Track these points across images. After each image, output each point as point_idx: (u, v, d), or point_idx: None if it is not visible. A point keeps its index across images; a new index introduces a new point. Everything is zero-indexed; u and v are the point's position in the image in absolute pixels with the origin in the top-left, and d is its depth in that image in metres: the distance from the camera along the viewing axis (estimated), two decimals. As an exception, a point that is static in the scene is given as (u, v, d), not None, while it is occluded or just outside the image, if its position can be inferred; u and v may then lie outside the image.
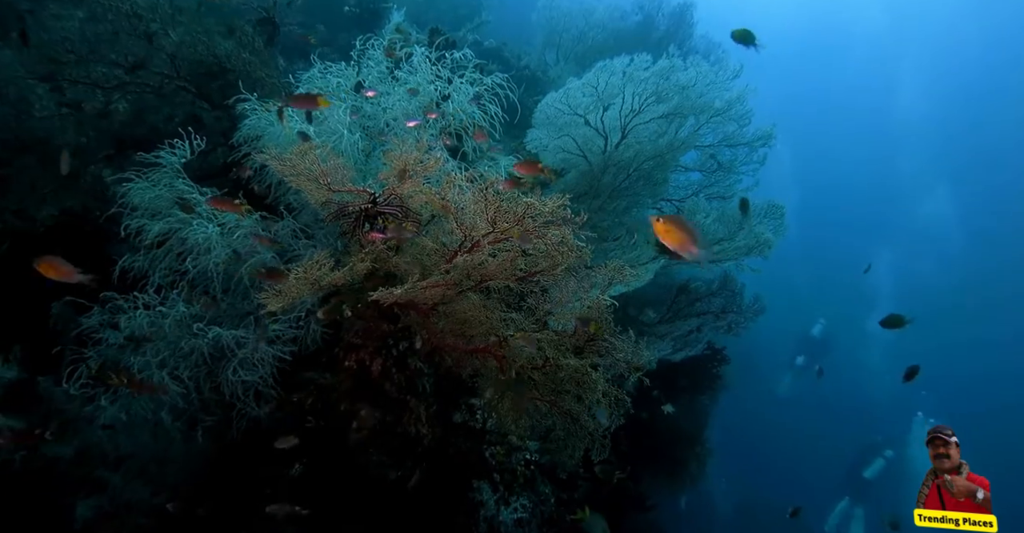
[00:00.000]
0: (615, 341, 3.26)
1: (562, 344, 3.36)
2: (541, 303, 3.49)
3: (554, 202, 2.98)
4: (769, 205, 5.23)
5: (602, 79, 5.46)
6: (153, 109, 5.59)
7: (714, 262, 5.03)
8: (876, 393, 18.91)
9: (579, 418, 3.30)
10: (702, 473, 8.53)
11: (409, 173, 3.12)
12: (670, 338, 5.12)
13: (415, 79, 4.51)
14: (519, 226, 3.04)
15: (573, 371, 3.20)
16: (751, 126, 5.81)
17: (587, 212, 5.53)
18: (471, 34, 8.45)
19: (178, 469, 4.47)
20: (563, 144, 5.75)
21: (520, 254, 3.22)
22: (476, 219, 3.08)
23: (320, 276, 2.98)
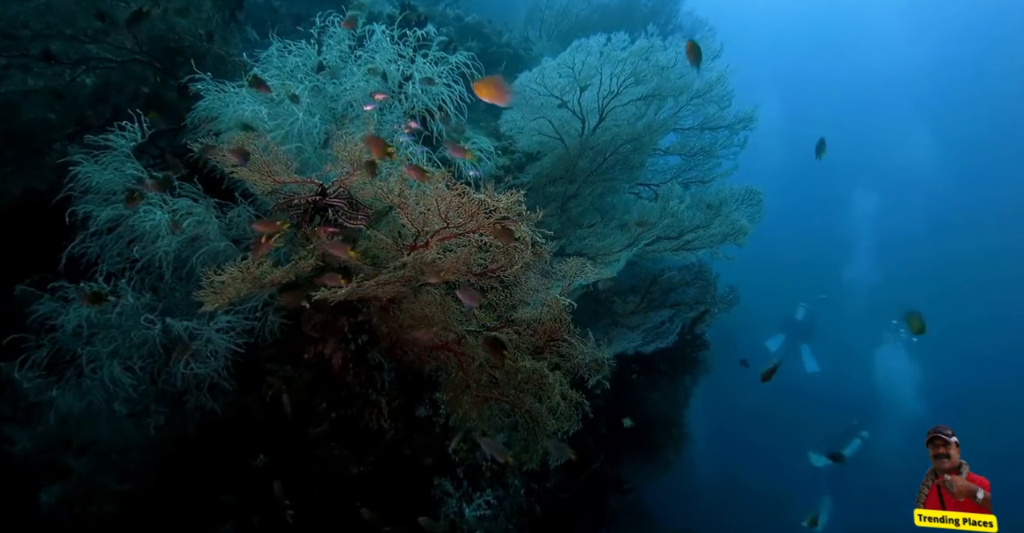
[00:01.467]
0: (575, 342, 3.05)
1: (522, 343, 3.16)
2: (502, 299, 3.28)
3: (508, 198, 2.75)
4: (746, 191, 5.01)
5: (578, 59, 5.19)
6: (117, 86, 5.32)
7: (688, 250, 4.82)
8: (855, 374, 19.04)
9: (540, 419, 3.12)
10: (679, 456, 8.43)
11: (356, 164, 2.88)
12: (642, 329, 4.92)
13: (377, 58, 4.22)
14: (473, 222, 2.81)
15: (531, 373, 3.00)
16: (732, 108, 5.56)
17: (561, 199, 5.34)
18: (451, 9, 8.09)
19: (141, 457, 4.32)
20: (539, 126, 5.49)
21: (477, 249, 3.00)
22: (428, 214, 2.85)
23: (261, 273, 2.75)
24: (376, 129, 4.15)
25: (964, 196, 28.59)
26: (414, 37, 4.38)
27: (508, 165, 6.11)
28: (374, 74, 4.16)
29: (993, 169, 28.44)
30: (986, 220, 28.23)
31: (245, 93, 3.99)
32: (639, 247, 4.63)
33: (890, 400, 20.17)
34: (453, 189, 2.76)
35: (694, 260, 5.23)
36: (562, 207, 5.21)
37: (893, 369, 19.86)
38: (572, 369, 3.08)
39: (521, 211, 2.80)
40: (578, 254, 5.05)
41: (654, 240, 4.80)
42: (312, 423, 4.00)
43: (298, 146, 3.92)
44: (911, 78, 29.15)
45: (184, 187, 4.15)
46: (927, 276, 26.18)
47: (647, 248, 4.81)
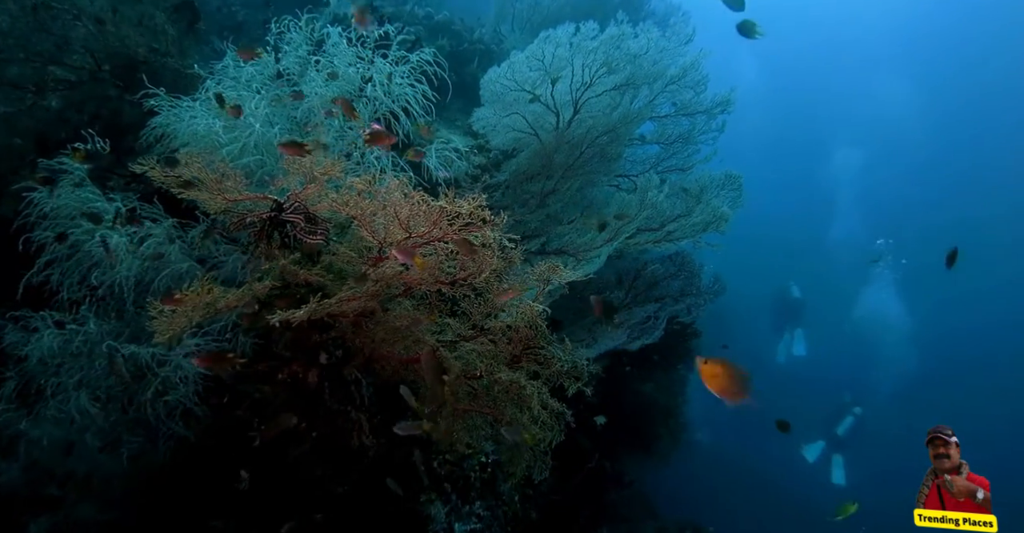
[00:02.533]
0: (552, 349, 2.86)
1: (499, 353, 2.97)
2: (476, 307, 3.09)
3: (471, 203, 2.55)
4: (726, 176, 4.82)
5: (547, 51, 4.98)
6: (78, 106, 5.11)
7: (671, 241, 4.63)
8: (844, 351, 19.09)
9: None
10: (676, 447, 8.27)
11: (309, 177, 2.68)
12: (626, 326, 4.74)
13: (335, 62, 4.01)
14: (437, 230, 2.62)
15: (508, 384, 2.82)
16: (708, 92, 5.37)
17: (539, 196, 5.14)
18: (419, 8, 7.85)
19: (122, 486, 4.15)
20: (512, 122, 5.29)
21: (446, 257, 2.80)
22: (389, 225, 2.65)
23: (213, 299, 2.55)
24: (337, 137, 3.95)
25: (944, 146, 28.80)
26: (373, 37, 4.16)
27: (485, 164, 5.91)
28: (333, 79, 3.94)
29: (972, 120, 28.47)
30: (965, 167, 28.47)
31: (199, 107, 3.78)
32: (620, 241, 4.44)
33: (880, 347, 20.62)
34: (411, 197, 2.56)
35: (676, 250, 5.03)
36: (541, 204, 5.01)
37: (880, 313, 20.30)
38: (552, 377, 2.89)
39: (485, 216, 2.59)
40: (559, 251, 4.87)
41: (635, 232, 4.61)
42: (292, 443, 3.81)
43: (258, 159, 3.72)
44: (889, 29, 28.79)
45: (144, 208, 3.96)
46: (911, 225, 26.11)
47: (629, 241, 4.63)
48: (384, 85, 4.02)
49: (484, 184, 5.47)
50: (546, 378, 2.90)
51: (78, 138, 4.03)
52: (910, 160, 28.40)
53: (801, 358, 16.59)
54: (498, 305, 2.96)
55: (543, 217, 5.01)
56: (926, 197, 28.10)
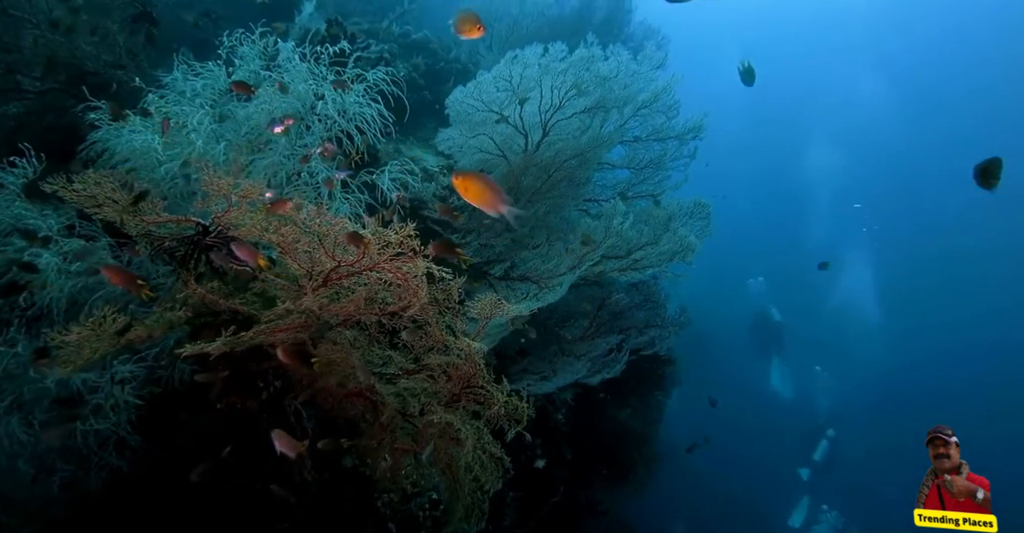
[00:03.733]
0: (492, 389, 2.65)
1: (438, 391, 2.75)
2: (417, 340, 2.87)
3: (401, 232, 2.35)
4: (695, 204, 4.63)
5: (515, 71, 4.82)
6: (37, 116, 4.92)
7: (636, 270, 4.43)
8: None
9: (458, 476, 2.71)
10: (649, 477, 8.01)
11: (231, 200, 2.47)
12: (587, 358, 4.52)
13: (286, 78, 3.82)
14: (367, 259, 2.41)
15: (445, 425, 2.60)
16: (680, 117, 5.22)
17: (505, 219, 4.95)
18: (396, 25, 7.72)
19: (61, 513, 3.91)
20: (479, 144, 5.11)
21: (382, 287, 2.60)
22: (315, 253, 2.45)
23: (120, 329, 2.33)
24: (288, 155, 3.75)
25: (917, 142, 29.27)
26: (328, 54, 3.97)
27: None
28: (284, 93, 3.75)
29: (943, 111, 28.99)
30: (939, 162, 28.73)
31: (140, 122, 3.57)
32: (583, 269, 4.24)
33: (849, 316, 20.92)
34: (335, 224, 2.36)
35: (642, 279, 4.82)
36: (507, 227, 4.82)
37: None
38: (492, 418, 2.67)
39: (414, 246, 2.39)
40: (523, 277, 4.67)
41: (600, 260, 4.42)
42: (229, 477, 3.57)
43: (198, 177, 3.51)
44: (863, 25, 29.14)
45: (84, 225, 3.75)
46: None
47: (593, 269, 4.43)
48: (338, 103, 3.83)
49: (452, 205, 5.28)
50: (487, 419, 2.68)
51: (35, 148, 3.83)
52: (885, 157, 28.74)
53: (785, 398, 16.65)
54: (438, 339, 2.74)
55: (508, 241, 4.81)
56: (900, 191, 28.44)
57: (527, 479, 5.60)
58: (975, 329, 25.72)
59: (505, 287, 4.60)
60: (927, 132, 29.11)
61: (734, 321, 16.20)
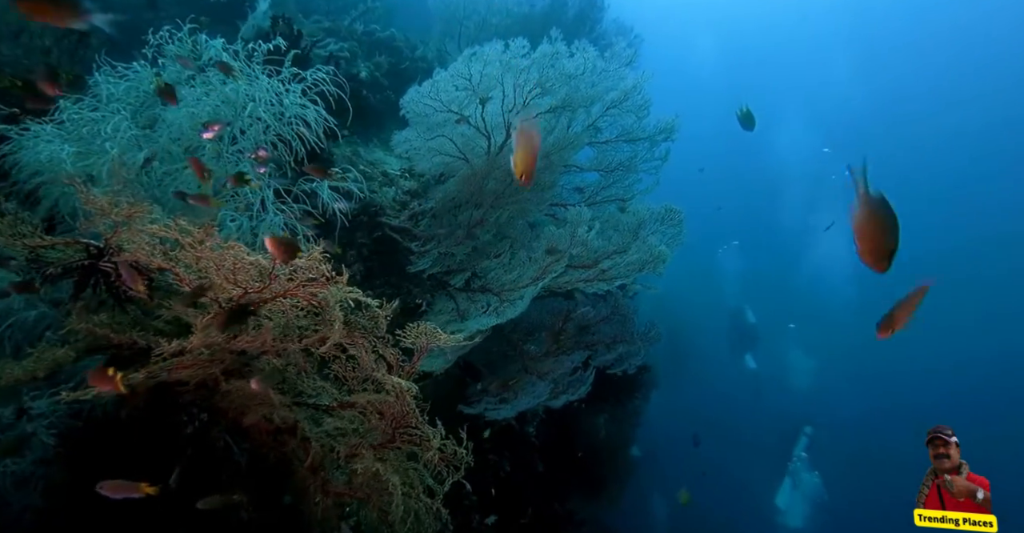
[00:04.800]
0: (425, 430, 2.29)
1: (371, 430, 2.39)
2: (348, 371, 2.51)
3: (310, 257, 1.98)
4: (666, 210, 4.28)
5: (475, 69, 4.46)
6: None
7: (604, 281, 4.08)
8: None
9: (394, 525, 2.34)
10: (624, 490, 7.69)
11: (115, 219, 2.09)
12: (551, 378, 4.16)
13: (214, 80, 3.42)
14: (277, 284, 2.04)
15: (368, 474, 2.24)
16: (651, 117, 4.88)
17: (467, 226, 4.59)
18: (359, 23, 7.31)
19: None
20: (439, 146, 4.74)
21: (301, 315, 2.22)
22: (215, 279, 2.07)
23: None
24: (218, 161, 3.36)
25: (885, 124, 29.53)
26: (262, 52, 3.57)
27: (415, 189, 5.35)
28: (213, 95, 3.35)
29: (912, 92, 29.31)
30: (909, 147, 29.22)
31: (51, 131, 3.16)
32: (547, 281, 3.89)
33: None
34: (229, 247, 1.99)
35: (609, 291, 4.46)
36: (468, 235, 4.46)
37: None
38: (428, 463, 2.32)
39: (324, 272, 2.03)
40: (484, 289, 4.31)
41: (565, 270, 4.08)
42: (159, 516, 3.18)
43: (113, 189, 3.11)
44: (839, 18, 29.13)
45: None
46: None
47: (558, 280, 4.09)
48: (274, 105, 3.44)
49: (412, 211, 4.91)
50: (425, 463, 2.32)
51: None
52: (857, 137, 28.83)
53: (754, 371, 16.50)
54: (369, 372, 2.38)
55: (470, 249, 4.45)
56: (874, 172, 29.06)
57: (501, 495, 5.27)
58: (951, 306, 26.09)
59: (466, 299, 4.25)
60: (898, 113, 29.50)
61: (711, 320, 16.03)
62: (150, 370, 2.08)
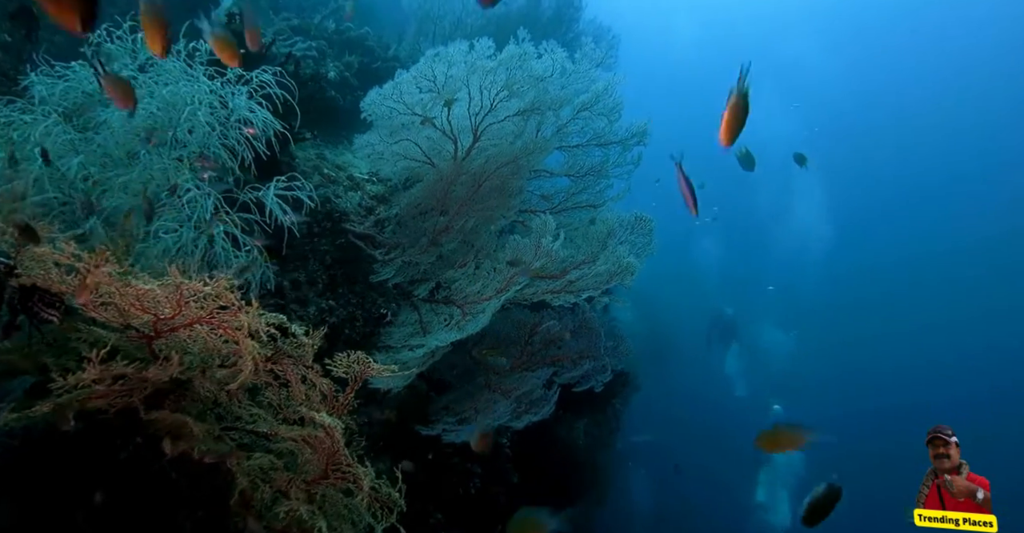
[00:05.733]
0: (356, 470, 2.08)
1: (307, 464, 2.18)
2: (282, 399, 2.29)
3: (214, 284, 1.77)
4: (636, 218, 4.08)
5: (439, 70, 4.25)
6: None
7: (572, 292, 3.89)
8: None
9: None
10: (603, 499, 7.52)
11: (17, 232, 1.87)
12: (514, 397, 3.95)
13: (152, 81, 3.18)
14: (191, 311, 1.83)
15: (291, 517, 2.03)
16: (623, 120, 4.69)
17: (431, 233, 4.37)
18: (330, 21, 7.06)
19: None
20: (403, 150, 4.53)
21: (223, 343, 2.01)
22: (125, 306, 1.85)
23: None
24: (158, 168, 3.12)
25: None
26: (204, 51, 3.33)
27: (382, 194, 5.13)
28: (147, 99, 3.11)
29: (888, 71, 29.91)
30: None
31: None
32: (511, 293, 3.69)
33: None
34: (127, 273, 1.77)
35: (576, 303, 4.24)
36: (432, 243, 4.25)
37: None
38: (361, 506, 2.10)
39: (231, 299, 1.81)
40: (447, 301, 4.10)
41: (532, 281, 3.88)
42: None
43: (58, 196, 2.88)
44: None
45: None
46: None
47: (524, 292, 3.89)
48: (216, 108, 3.21)
49: (377, 217, 4.69)
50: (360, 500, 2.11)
51: None
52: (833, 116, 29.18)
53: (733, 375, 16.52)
54: (300, 402, 2.17)
55: (434, 258, 4.24)
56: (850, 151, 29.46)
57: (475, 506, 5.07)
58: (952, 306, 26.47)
59: (429, 310, 4.04)
60: (873, 93, 30.02)
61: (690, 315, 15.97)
62: (57, 404, 1.86)
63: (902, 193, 30.31)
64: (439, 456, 4.06)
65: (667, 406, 13.91)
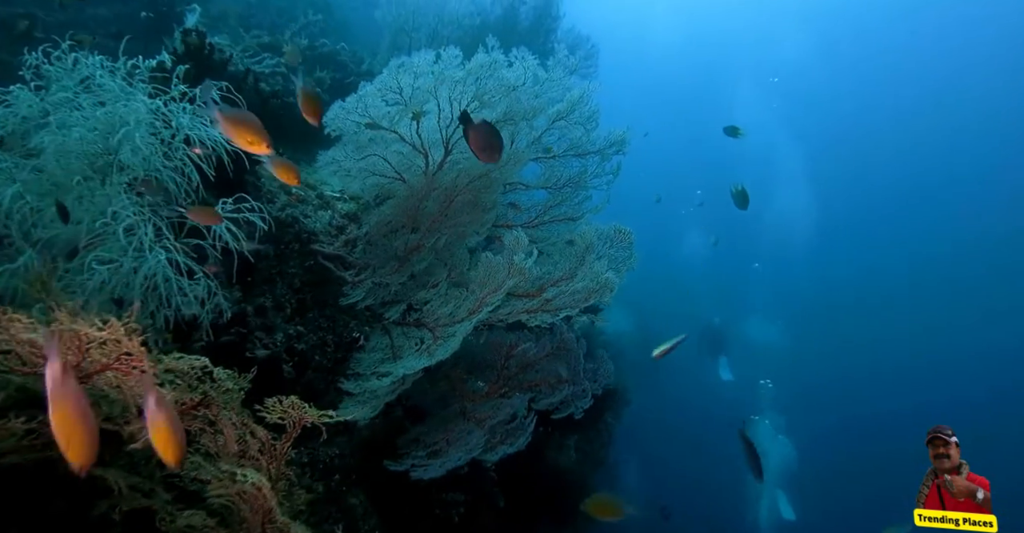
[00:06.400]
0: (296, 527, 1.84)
1: (244, 522, 1.93)
2: (221, 446, 2.04)
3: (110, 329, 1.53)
4: (615, 231, 3.85)
5: (405, 81, 4.04)
6: None
7: (549, 311, 3.65)
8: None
9: None
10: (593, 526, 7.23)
11: None
12: (488, 426, 3.68)
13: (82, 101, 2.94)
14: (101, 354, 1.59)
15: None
16: (601, 129, 4.48)
17: (402, 252, 4.14)
18: (302, 37, 6.86)
19: None
20: (372, 166, 4.30)
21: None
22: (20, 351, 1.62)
23: None
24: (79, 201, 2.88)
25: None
26: (147, 68, 3.10)
27: (354, 212, 4.90)
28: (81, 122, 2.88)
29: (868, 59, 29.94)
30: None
31: None
32: (483, 314, 3.45)
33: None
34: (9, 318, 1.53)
35: (553, 323, 3.99)
36: (403, 263, 4.02)
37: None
38: None
39: (129, 347, 1.58)
40: (418, 323, 3.86)
41: (507, 299, 3.64)
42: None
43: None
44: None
45: None
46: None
47: (498, 313, 3.65)
48: (159, 130, 2.97)
49: (348, 237, 4.46)
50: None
51: None
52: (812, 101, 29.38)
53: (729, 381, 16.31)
54: (230, 450, 1.93)
55: (405, 278, 4.00)
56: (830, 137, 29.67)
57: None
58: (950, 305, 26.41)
59: (401, 334, 3.79)
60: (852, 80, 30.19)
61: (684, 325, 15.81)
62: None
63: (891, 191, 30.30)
64: (416, 486, 3.80)
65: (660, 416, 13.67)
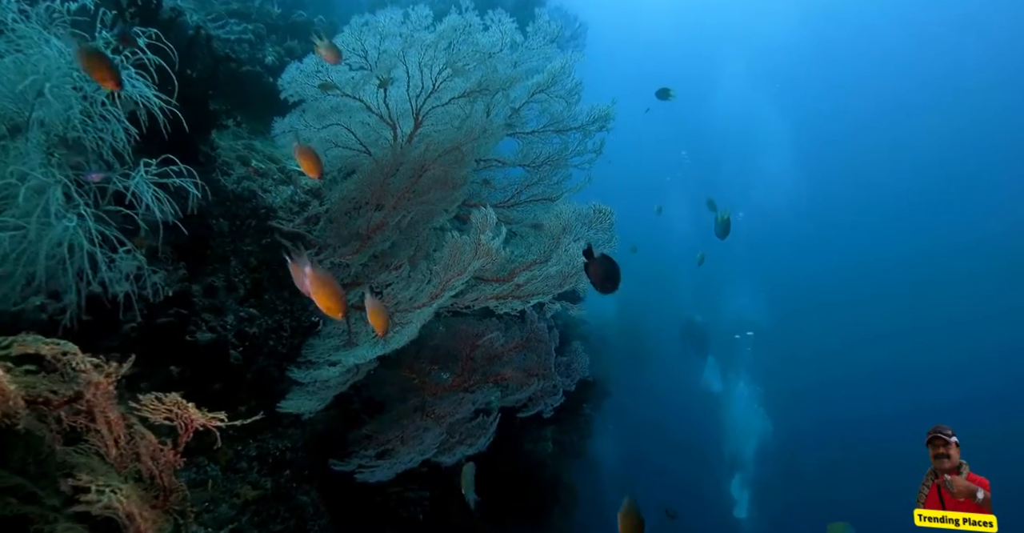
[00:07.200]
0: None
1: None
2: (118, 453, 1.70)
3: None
4: (595, 211, 3.49)
5: (369, 43, 3.66)
6: None
7: (520, 298, 3.30)
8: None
9: None
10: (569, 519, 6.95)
11: None
12: (447, 424, 3.32)
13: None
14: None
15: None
16: (583, 104, 4.13)
17: (365, 231, 3.78)
18: (272, 5, 6.43)
19: None
20: (334, 136, 3.92)
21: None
22: None
23: None
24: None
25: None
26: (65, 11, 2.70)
27: (318, 188, 4.54)
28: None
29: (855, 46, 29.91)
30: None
31: None
32: (445, 299, 3.10)
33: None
34: None
35: (524, 310, 3.63)
36: (365, 242, 3.66)
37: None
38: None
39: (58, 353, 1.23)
40: (378, 308, 3.51)
41: (476, 284, 3.30)
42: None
43: None
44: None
45: None
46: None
47: (464, 297, 3.30)
48: (79, 83, 2.59)
49: (309, 214, 4.10)
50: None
51: None
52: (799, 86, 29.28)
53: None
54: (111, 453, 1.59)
55: (367, 259, 3.65)
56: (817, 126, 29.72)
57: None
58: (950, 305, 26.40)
59: (358, 319, 3.44)
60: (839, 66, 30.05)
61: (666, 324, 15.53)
62: None
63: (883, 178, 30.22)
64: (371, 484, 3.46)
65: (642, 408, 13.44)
